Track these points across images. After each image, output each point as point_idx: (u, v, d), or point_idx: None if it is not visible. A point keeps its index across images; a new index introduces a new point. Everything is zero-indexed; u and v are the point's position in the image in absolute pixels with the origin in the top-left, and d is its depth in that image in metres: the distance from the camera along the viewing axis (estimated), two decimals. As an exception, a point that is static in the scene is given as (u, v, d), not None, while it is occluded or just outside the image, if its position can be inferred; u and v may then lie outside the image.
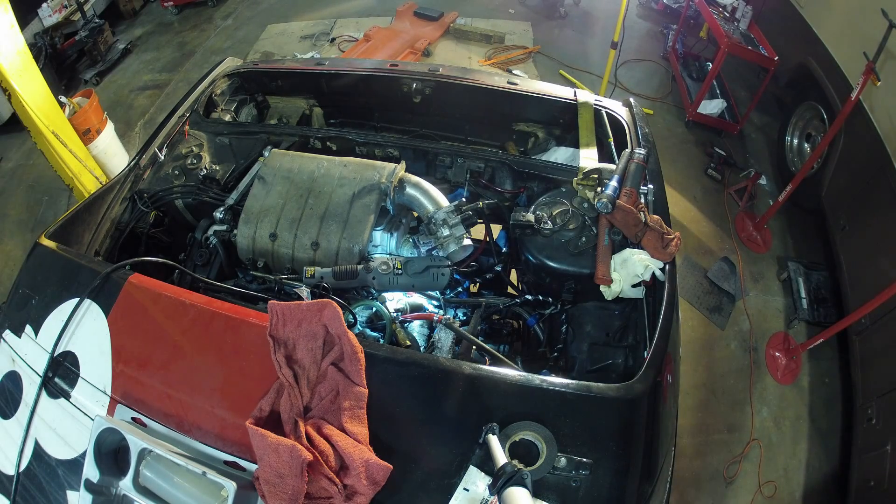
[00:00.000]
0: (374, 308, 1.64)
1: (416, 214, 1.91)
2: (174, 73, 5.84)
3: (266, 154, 1.94)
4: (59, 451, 1.35)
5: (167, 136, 2.15)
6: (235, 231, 1.82)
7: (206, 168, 2.04)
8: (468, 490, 1.15)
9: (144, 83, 5.78)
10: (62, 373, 1.42)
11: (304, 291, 1.51)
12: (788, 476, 3.01)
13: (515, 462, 1.12)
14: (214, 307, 1.39)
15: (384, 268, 1.62)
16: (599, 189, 1.73)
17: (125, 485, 1.19)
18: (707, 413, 3.21)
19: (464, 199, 1.87)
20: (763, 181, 4.48)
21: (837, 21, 3.75)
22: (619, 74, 5.30)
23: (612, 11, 4.61)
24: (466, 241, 1.77)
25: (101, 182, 3.74)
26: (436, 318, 1.66)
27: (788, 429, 3.19)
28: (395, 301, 1.81)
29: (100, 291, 1.46)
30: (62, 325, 1.44)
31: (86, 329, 1.45)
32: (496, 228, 2.14)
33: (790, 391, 3.33)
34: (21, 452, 1.38)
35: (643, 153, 1.78)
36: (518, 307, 1.87)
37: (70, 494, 1.30)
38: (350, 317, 1.51)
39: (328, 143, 2.16)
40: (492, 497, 1.11)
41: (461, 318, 2.00)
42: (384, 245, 1.85)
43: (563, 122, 2.32)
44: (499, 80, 2.32)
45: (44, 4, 5.69)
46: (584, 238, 1.72)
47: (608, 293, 1.62)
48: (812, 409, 3.26)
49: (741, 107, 4.96)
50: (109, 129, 4.20)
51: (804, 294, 3.63)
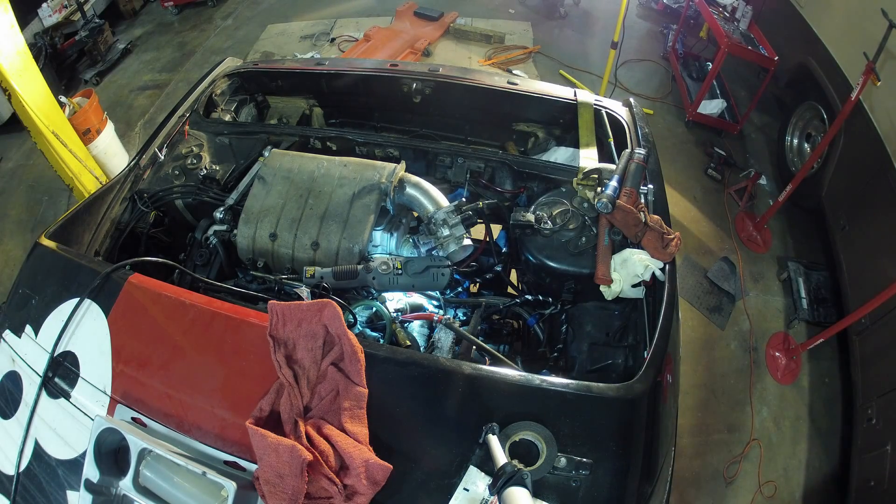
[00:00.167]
0: (374, 308, 1.64)
1: (416, 214, 1.91)
2: (174, 73, 5.84)
3: (266, 154, 1.94)
4: (59, 451, 1.35)
5: (167, 136, 2.15)
6: (235, 231, 1.82)
7: (206, 168, 2.04)
8: (468, 490, 1.15)
9: (144, 83, 5.78)
10: (62, 373, 1.42)
11: (304, 291, 1.51)
12: (788, 476, 3.01)
13: (515, 462, 1.12)
14: (214, 307, 1.39)
15: (384, 268, 1.62)
16: (599, 189, 1.73)
17: (125, 485, 1.19)
18: (707, 413, 3.21)
19: (464, 199, 1.87)
20: (763, 181, 4.48)
21: (837, 21, 3.74)
22: (619, 74, 5.30)
23: (612, 11, 4.61)
24: (466, 241, 1.77)
25: (101, 182, 3.74)
26: (436, 318, 1.66)
27: (788, 429, 3.19)
28: (395, 301, 1.81)
29: (100, 291, 1.47)
30: (62, 325, 1.44)
31: (86, 329, 1.45)
32: (496, 228, 2.14)
33: (790, 391, 3.33)
34: (21, 452, 1.38)
35: (643, 153, 1.78)
36: (518, 307, 1.87)
37: (70, 494, 1.30)
38: (350, 317, 1.51)
39: (328, 143, 2.16)
40: (492, 497, 1.11)
41: (461, 318, 2.00)
42: (384, 245, 1.85)
43: (563, 122, 2.32)
44: (499, 80, 2.32)
45: (44, 4, 5.69)
46: (584, 238, 1.72)
47: (608, 293, 1.62)
48: (812, 409, 3.26)
49: (741, 107, 4.96)
50: (109, 129, 4.20)
51: (804, 294, 3.63)
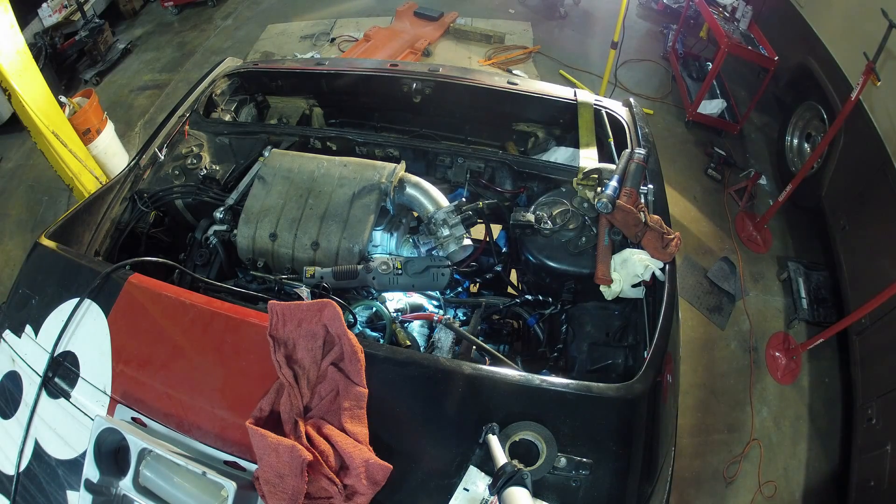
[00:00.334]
0: (374, 308, 1.64)
1: (416, 214, 1.91)
2: (174, 73, 5.84)
3: (266, 154, 1.94)
4: (59, 451, 1.35)
5: (167, 136, 2.15)
6: (235, 231, 1.82)
7: (206, 168, 2.04)
8: (468, 490, 1.15)
9: (144, 83, 5.79)
10: (62, 373, 1.42)
11: (304, 291, 1.51)
12: (788, 476, 3.01)
13: (515, 462, 1.12)
14: (214, 307, 1.39)
15: (384, 268, 1.62)
16: (599, 189, 1.73)
17: (125, 485, 1.19)
18: (707, 413, 3.21)
19: (464, 199, 1.87)
20: (763, 181, 4.48)
21: (837, 21, 3.74)
22: (619, 74, 5.30)
23: (612, 11, 4.61)
24: (466, 241, 1.77)
25: (101, 182, 3.74)
26: (436, 318, 1.66)
27: (788, 429, 3.19)
28: (395, 301, 1.81)
29: (100, 291, 1.46)
30: (62, 325, 1.44)
31: (86, 329, 1.45)
32: (496, 228, 2.14)
33: (790, 391, 3.33)
34: (21, 452, 1.38)
35: (643, 153, 1.77)
36: (518, 307, 1.87)
37: (70, 494, 1.30)
38: (350, 317, 1.51)
39: (328, 143, 2.16)
40: (492, 497, 1.11)
41: (461, 318, 2.00)
42: (384, 245, 1.85)
43: (563, 122, 2.32)
44: (499, 80, 2.32)
45: (44, 4, 5.69)
46: (584, 238, 1.72)
47: (608, 293, 1.62)
48: (812, 409, 3.26)
49: (741, 107, 4.96)
50: (109, 129, 4.20)
51: (804, 294, 3.63)
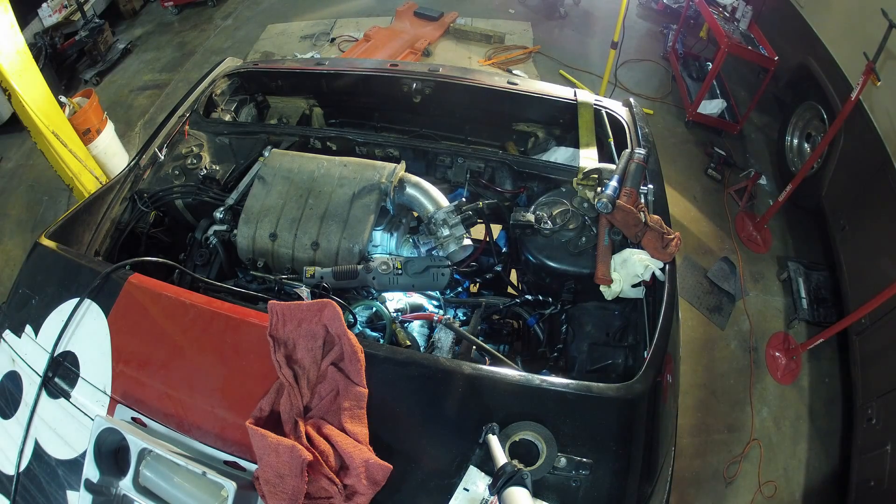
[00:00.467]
0: (374, 308, 1.64)
1: (416, 214, 1.91)
2: (174, 73, 5.84)
3: (266, 154, 1.94)
4: (59, 451, 1.35)
5: (167, 136, 2.15)
6: (235, 231, 1.82)
7: (206, 168, 2.04)
8: (468, 490, 1.15)
9: (144, 83, 5.78)
10: (62, 373, 1.42)
11: (304, 291, 1.51)
12: (788, 476, 3.01)
13: (515, 462, 1.12)
14: (214, 307, 1.39)
15: (384, 268, 1.62)
16: (599, 189, 1.73)
17: (125, 485, 1.19)
18: (707, 413, 3.21)
19: (464, 199, 1.87)
20: (763, 181, 4.48)
21: (837, 21, 3.74)
22: (619, 74, 5.30)
23: (612, 11, 4.61)
24: (466, 241, 1.77)
25: (101, 182, 3.74)
26: (436, 318, 1.66)
27: (788, 429, 3.19)
28: (395, 301, 1.81)
29: (100, 291, 1.46)
30: (62, 325, 1.44)
31: (86, 329, 1.45)
32: (496, 228, 2.14)
33: (790, 391, 3.33)
34: (21, 452, 1.38)
35: (643, 153, 1.78)
36: (518, 307, 1.87)
37: (70, 494, 1.30)
38: (350, 317, 1.51)
39: (328, 143, 2.16)
40: (492, 497, 1.11)
41: (461, 318, 2.00)
42: (384, 245, 1.85)
43: (563, 122, 2.32)
44: (499, 80, 2.32)
45: (44, 4, 5.69)
46: (584, 238, 1.72)
47: (608, 293, 1.62)
48: (812, 409, 3.26)
49: (741, 107, 4.96)
50: (109, 129, 4.20)
51: (804, 294, 3.63)
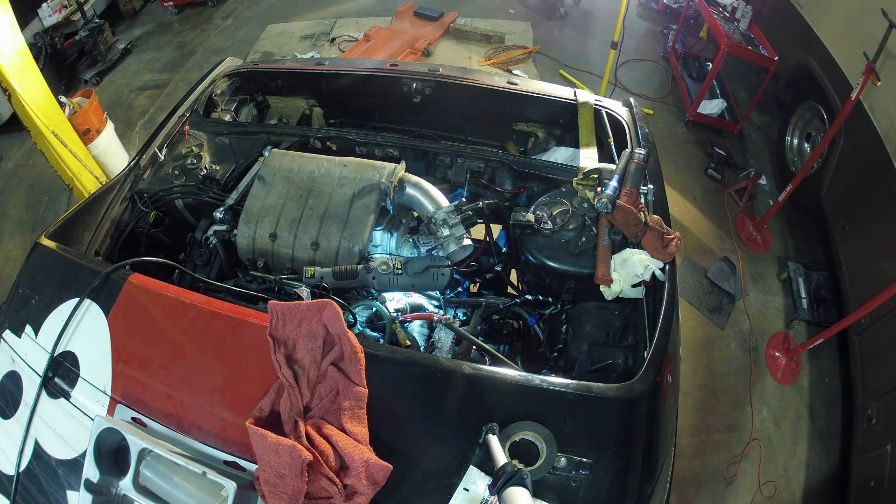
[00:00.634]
0: (374, 308, 1.64)
1: (416, 214, 1.91)
2: (174, 73, 5.84)
3: (266, 154, 1.94)
4: (59, 451, 1.35)
5: (167, 136, 2.15)
6: (235, 231, 1.82)
7: (206, 168, 2.04)
8: (468, 490, 1.15)
9: (144, 83, 5.78)
10: (62, 373, 1.42)
11: (304, 291, 1.51)
12: (788, 476, 3.01)
13: (515, 462, 1.12)
14: (214, 307, 1.39)
15: (384, 268, 1.62)
16: (599, 189, 1.73)
17: (125, 485, 1.19)
18: (707, 413, 3.21)
19: (464, 199, 1.87)
20: (763, 181, 4.48)
21: (837, 21, 3.74)
22: (619, 74, 5.30)
23: (612, 11, 4.61)
24: (466, 241, 1.77)
25: (101, 182, 3.74)
26: (436, 318, 1.66)
27: (788, 429, 3.19)
28: (395, 301, 1.81)
29: (100, 291, 1.46)
30: (62, 325, 1.44)
31: (86, 329, 1.45)
32: (496, 228, 2.14)
33: (790, 391, 3.33)
34: (21, 452, 1.38)
35: (643, 153, 1.78)
36: (518, 307, 1.87)
37: (70, 494, 1.30)
38: (350, 317, 1.51)
39: (328, 143, 2.16)
40: (492, 497, 1.11)
41: (461, 318, 2.00)
42: (384, 245, 1.85)
43: (563, 122, 2.32)
44: (499, 80, 2.32)
45: (44, 4, 5.69)
46: (584, 238, 1.72)
47: (608, 293, 1.62)
48: (812, 409, 3.26)
49: (741, 107, 4.96)
50: (109, 129, 4.20)
51: (804, 294, 3.63)
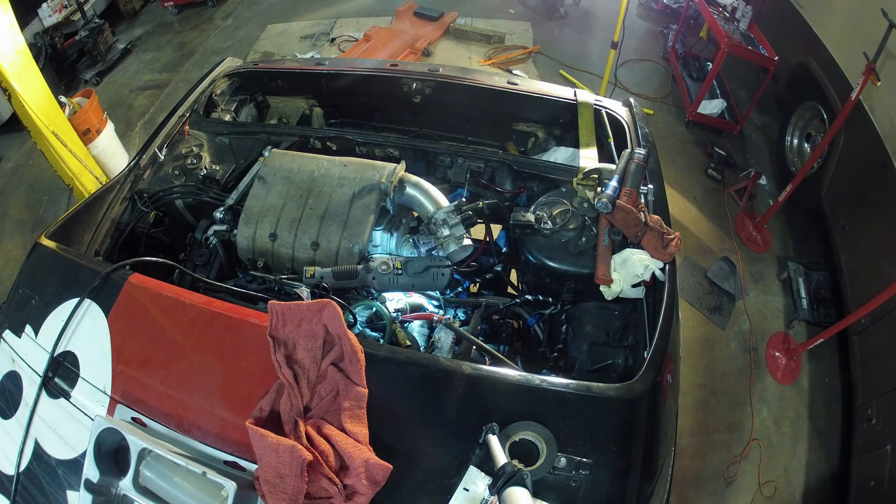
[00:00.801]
0: (374, 308, 1.64)
1: (416, 214, 1.91)
2: (174, 73, 5.84)
3: (266, 154, 1.94)
4: (59, 451, 1.35)
5: (167, 136, 2.15)
6: (235, 231, 1.82)
7: (206, 168, 2.04)
8: (468, 490, 1.15)
9: (144, 83, 5.78)
10: (62, 373, 1.42)
11: (304, 291, 1.51)
12: (788, 476, 3.01)
13: (515, 462, 1.12)
14: (214, 307, 1.39)
15: (384, 268, 1.62)
16: (599, 189, 1.73)
17: (125, 485, 1.19)
18: (707, 413, 3.21)
19: (464, 199, 1.87)
20: (763, 181, 4.48)
21: (837, 21, 3.74)
22: (619, 74, 5.30)
23: (612, 11, 4.61)
24: (466, 241, 1.77)
25: (101, 182, 3.74)
26: (436, 318, 1.66)
27: (788, 429, 3.19)
28: (395, 301, 1.81)
29: (100, 291, 1.46)
30: (62, 325, 1.44)
31: (86, 329, 1.45)
32: (496, 228, 2.14)
33: (790, 391, 3.33)
34: (21, 452, 1.38)
35: (643, 153, 1.78)
36: (518, 307, 1.87)
37: (70, 494, 1.30)
38: (350, 317, 1.51)
39: (328, 143, 2.16)
40: (492, 497, 1.11)
41: (461, 318, 2.00)
42: (384, 245, 1.85)
43: (563, 122, 2.32)
44: (499, 80, 2.32)
45: (44, 4, 5.69)
46: (584, 238, 1.72)
47: (608, 293, 1.62)
48: (812, 409, 3.26)
49: (741, 107, 4.96)
50: (109, 129, 4.20)
51: (804, 294, 3.63)
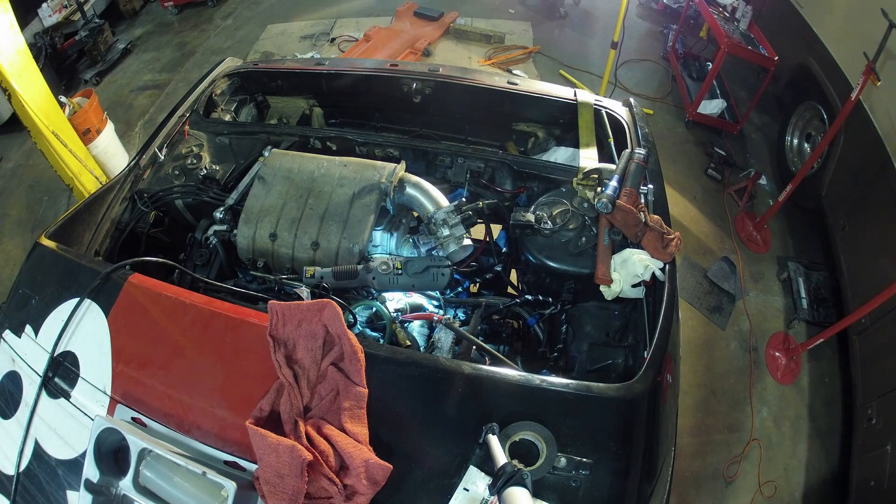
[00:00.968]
0: (374, 308, 1.64)
1: (416, 214, 1.91)
2: (174, 73, 5.84)
3: (266, 154, 1.94)
4: (59, 451, 1.35)
5: (167, 136, 2.15)
6: (235, 231, 1.82)
7: (206, 168, 2.04)
8: (468, 490, 1.15)
9: (144, 83, 5.78)
10: (62, 373, 1.42)
11: (304, 291, 1.51)
12: (788, 476, 3.01)
13: (515, 462, 1.12)
14: (214, 307, 1.39)
15: (384, 268, 1.62)
16: (599, 189, 1.73)
17: (125, 485, 1.19)
18: (707, 413, 3.21)
19: (464, 199, 1.87)
20: (763, 181, 4.48)
21: (837, 21, 3.74)
22: (619, 74, 5.30)
23: (612, 11, 4.61)
24: (466, 241, 1.77)
25: (101, 182, 3.74)
26: (436, 318, 1.66)
27: (788, 429, 3.19)
28: (395, 301, 1.81)
29: (100, 291, 1.46)
30: (62, 325, 1.44)
31: (86, 329, 1.45)
32: (496, 228, 2.14)
33: (790, 391, 3.33)
34: (21, 452, 1.38)
35: (643, 153, 1.78)
36: (518, 307, 1.87)
37: (70, 494, 1.30)
38: (350, 317, 1.51)
39: (328, 143, 2.16)
40: (492, 497, 1.11)
41: (461, 318, 2.00)
42: (384, 245, 1.85)
43: (563, 122, 2.32)
44: (499, 80, 2.32)
45: (44, 4, 5.69)
46: (584, 238, 1.72)
47: (608, 293, 1.62)
48: (812, 409, 3.26)
49: (741, 107, 4.96)
50: (109, 129, 4.20)
51: (804, 294, 3.63)
